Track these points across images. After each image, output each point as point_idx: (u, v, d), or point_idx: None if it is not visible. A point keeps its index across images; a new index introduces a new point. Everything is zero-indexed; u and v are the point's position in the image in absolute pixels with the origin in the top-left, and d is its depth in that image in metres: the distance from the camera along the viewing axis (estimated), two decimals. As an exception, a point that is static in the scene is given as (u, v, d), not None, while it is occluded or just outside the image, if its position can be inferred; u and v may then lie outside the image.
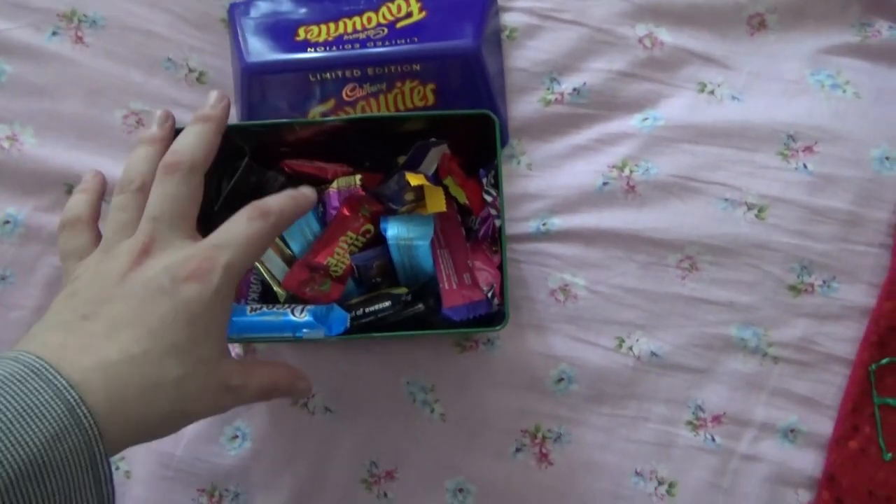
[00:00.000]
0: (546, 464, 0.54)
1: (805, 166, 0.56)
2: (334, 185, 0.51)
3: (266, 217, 0.36)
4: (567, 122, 0.58)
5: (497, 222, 0.51)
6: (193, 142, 0.37)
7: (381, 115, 0.54)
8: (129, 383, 0.31)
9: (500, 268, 0.50)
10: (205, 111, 0.38)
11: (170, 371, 0.32)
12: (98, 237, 0.37)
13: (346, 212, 0.49)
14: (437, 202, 0.49)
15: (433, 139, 0.51)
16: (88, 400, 0.29)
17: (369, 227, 0.50)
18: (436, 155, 0.50)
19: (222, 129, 0.39)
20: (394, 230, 0.49)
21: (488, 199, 0.51)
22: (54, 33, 0.58)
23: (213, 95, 0.39)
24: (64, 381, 0.29)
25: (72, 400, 0.29)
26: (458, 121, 0.49)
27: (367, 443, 0.54)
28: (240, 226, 0.35)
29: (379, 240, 0.50)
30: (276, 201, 0.37)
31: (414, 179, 0.48)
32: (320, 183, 0.52)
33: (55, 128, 0.57)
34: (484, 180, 0.51)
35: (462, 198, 0.50)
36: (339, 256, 0.49)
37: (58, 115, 0.57)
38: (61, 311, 0.34)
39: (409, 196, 0.50)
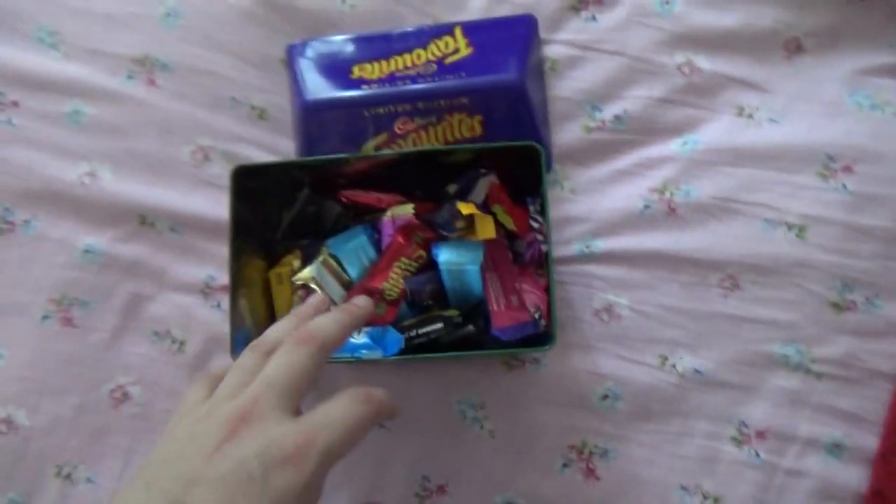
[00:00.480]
0: (593, 479, 0.56)
1: (844, 186, 0.58)
2: (389, 213, 0.54)
3: (371, 402, 0.34)
4: (608, 148, 0.61)
5: (543, 247, 0.53)
6: (331, 326, 0.37)
7: (432, 149, 0.57)
8: None
9: (547, 290, 0.52)
10: (352, 307, 0.39)
11: None
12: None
13: (400, 239, 0.52)
14: (487, 229, 0.52)
15: (482, 170, 0.53)
16: None
17: (422, 253, 0.53)
18: (485, 184, 0.53)
19: (358, 328, 0.39)
20: (445, 256, 0.52)
21: (535, 225, 0.53)
22: (129, 77, 0.63)
23: (364, 299, 0.41)
24: None
25: None
26: (504, 151, 0.52)
27: (420, 458, 0.57)
28: (343, 407, 0.34)
29: (431, 264, 0.53)
30: (381, 392, 0.35)
31: (465, 209, 0.51)
32: (375, 211, 0.55)
33: (130, 164, 0.61)
34: (531, 207, 0.54)
35: (510, 224, 0.53)
36: (393, 281, 0.52)
37: (132, 153, 0.61)
38: (156, 478, 0.32)
39: (459, 224, 0.53)
